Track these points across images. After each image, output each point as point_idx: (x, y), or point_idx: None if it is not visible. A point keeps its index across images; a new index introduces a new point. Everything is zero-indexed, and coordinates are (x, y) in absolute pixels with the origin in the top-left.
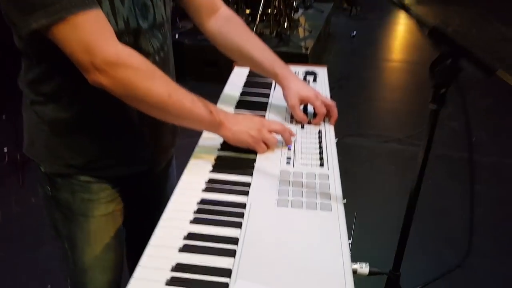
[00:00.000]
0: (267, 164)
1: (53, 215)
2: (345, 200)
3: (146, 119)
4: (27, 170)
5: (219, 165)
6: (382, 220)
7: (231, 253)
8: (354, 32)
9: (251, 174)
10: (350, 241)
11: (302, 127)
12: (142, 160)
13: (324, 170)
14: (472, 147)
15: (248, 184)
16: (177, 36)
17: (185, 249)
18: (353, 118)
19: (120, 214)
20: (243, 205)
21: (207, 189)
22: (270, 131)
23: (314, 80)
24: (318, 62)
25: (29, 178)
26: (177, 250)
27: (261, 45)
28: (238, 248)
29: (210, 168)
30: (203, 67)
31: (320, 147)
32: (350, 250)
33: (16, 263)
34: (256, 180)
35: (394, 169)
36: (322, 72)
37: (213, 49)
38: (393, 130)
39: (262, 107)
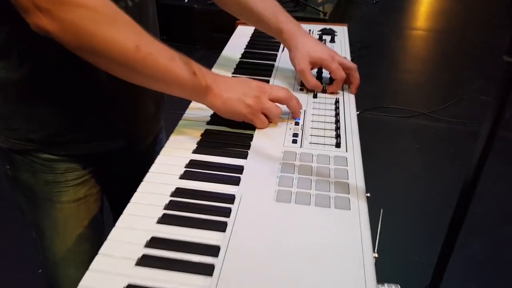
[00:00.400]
0: (267, 142)
1: (17, 198)
2: (368, 193)
3: (119, 82)
4: None
5: (205, 143)
6: (408, 208)
7: (208, 270)
8: None
9: (245, 156)
10: (376, 255)
11: (315, 96)
12: (117, 134)
13: (341, 152)
14: None
15: (239, 169)
16: (186, 0)
17: (144, 262)
18: (374, 91)
19: (95, 199)
20: (230, 199)
21: (185, 175)
22: (272, 99)
23: (332, 40)
24: None
25: None
26: (133, 262)
27: None
28: (217, 262)
29: (194, 147)
30: (213, 34)
31: (337, 121)
32: (375, 265)
33: (5, 246)
34: (251, 164)
35: (419, 148)
36: (341, 31)
37: (225, 14)
38: (417, 105)
39: (266, 71)
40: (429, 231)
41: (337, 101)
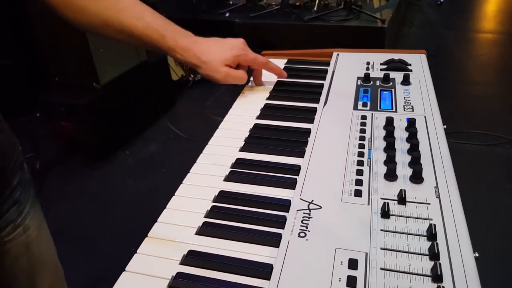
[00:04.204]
0: None
1: None
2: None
3: None
4: (44, 179)
5: None
6: (504, 281)
7: None
8: None
9: None
10: None
11: (385, 214)
12: None
13: None
14: None
15: None
16: (227, 14)
17: None
18: (446, 110)
19: None
20: None
21: None
22: None
23: (406, 81)
24: (396, 37)
25: (46, 186)
26: None
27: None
28: None
29: None
30: (258, 49)
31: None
32: None
33: None
34: None
35: None
36: (418, 63)
37: (269, 28)
38: (504, 128)
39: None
40: None
41: (432, 231)
